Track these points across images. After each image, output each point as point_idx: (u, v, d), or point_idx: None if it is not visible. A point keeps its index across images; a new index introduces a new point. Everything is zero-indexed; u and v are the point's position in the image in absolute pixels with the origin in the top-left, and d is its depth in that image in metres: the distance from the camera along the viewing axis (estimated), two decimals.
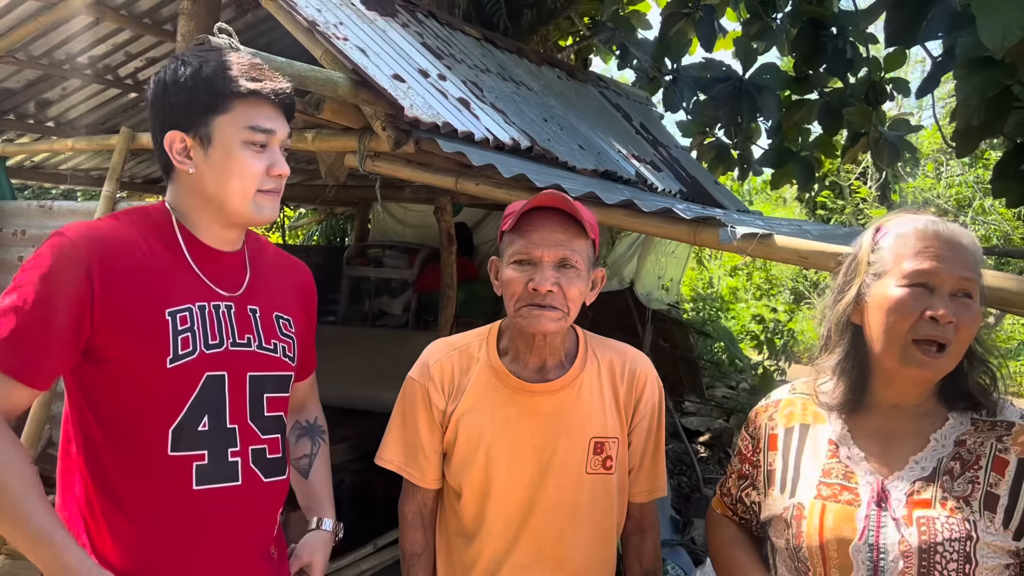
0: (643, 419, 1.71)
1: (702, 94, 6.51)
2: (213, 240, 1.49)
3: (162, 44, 4.55)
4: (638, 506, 1.77)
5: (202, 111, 1.40)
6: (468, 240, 6.18)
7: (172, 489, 1.38)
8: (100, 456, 1.38)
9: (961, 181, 13.23)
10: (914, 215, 1.37)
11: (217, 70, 1.41)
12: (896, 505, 1.29)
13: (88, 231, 1.37)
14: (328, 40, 2.79)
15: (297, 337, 1.60)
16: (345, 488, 4.87)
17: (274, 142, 1.45)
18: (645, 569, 1.78)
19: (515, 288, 1.58)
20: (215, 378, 1.42)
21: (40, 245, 1.37)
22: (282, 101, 1.45)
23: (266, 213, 1.47)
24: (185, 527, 1.39)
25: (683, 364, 7.46)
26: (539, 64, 5.40)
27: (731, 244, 2.24)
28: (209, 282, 1.47)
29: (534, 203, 1.58)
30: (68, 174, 6.21)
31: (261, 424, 1.50)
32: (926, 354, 1.28)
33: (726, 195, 6.49)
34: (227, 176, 1.42)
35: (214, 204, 1.45)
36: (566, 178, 3.21)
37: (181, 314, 1.40)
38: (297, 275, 1.69)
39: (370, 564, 3.78)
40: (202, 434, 1.41)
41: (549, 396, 1.66)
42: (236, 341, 1.46)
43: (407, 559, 1.74)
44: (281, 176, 1.46)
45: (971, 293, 1.28)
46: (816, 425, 1.45)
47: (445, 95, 3.33)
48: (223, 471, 1.43)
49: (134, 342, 1.35)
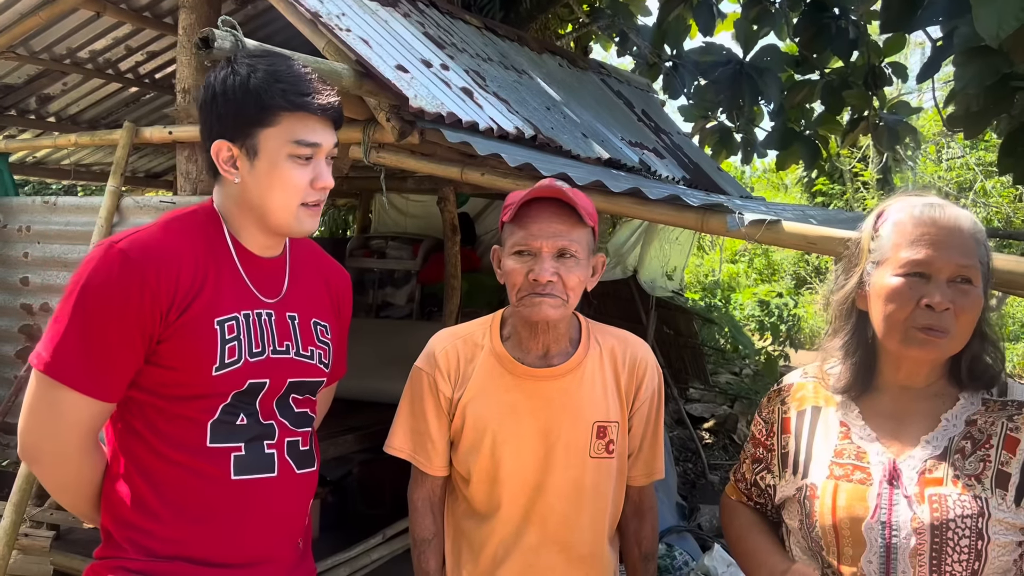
0: (643, 404, 1.75)
1: (703, 79, 6.49)
2: (256, 247, 1.51)
3: (163, 38, 4.54)
4: (637, 489, 1.80)
5: (249, 123, 1.40)
6: (471, 230, 6.18)
7: (211, 478, 1.42)
8: (139, 444, 1.42)
9: (962, 163, 13.20)
10: (914, 199, 1.37)
11: (266, 82, 1.39)
12: (908, 483, 1.31)
13: (142, 243, 1.38)
14: (331, 31, 2.79)
15: (332, 343, 1.63)
16: (353, 478, 4.91)
17: (320, 154, 1.45)
18: (644, 552, 1.81)
19: (516, 279, 1.60)
20: (256, 384, 1.45)
21: (89, 255, 1.38)
22: (329, 115, 1.44)
23: (307, 226, 1.48)
24: (223, 515, 1.43)
25: (687, 351, 7.47)
26: (540, 52, 5.38)
27: (739, 231, 2.24)
28: (254, 289, 1.49)
29: (532, 194, 1.60)
30: (71, 169, 6.21)
31: (293, 419, 1.53)
32: (926, 335, 1.29)
33: (729, 181, 6.48)
34: (271, 189, 1.43)
35: (257, 214, 1.46)
36: (571, 166, 3.21)
37: (228, 323, 1.42)
38: (335, 280, 1.70)
39: (380, 553, 3.80)
40: (240, 427, 1.44)
41: (553, 381, 1.68)
42: (276, 348, 1.49)
43: (417, 545, 1.77)
44: (325, 188, 1.46)
45: (970, 278, 1.29)
46: (828, 407, 1.46)
47: (448, 85, 3.32)
48: (260, 462, 1.46)
49: (187, 351, 1.38)
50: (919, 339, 1.30)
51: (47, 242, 3.57)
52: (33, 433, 1.38)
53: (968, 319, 1.29)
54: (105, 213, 3.33)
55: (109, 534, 1.44)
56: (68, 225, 3.52)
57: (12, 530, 3.01)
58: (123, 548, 1.41)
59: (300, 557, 1.58)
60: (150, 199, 3.54)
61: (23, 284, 3.62)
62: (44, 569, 3.24)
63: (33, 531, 3.23)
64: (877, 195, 13.52)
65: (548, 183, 1.60)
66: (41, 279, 3.58)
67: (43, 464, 1.42)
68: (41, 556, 3.23)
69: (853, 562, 1.32)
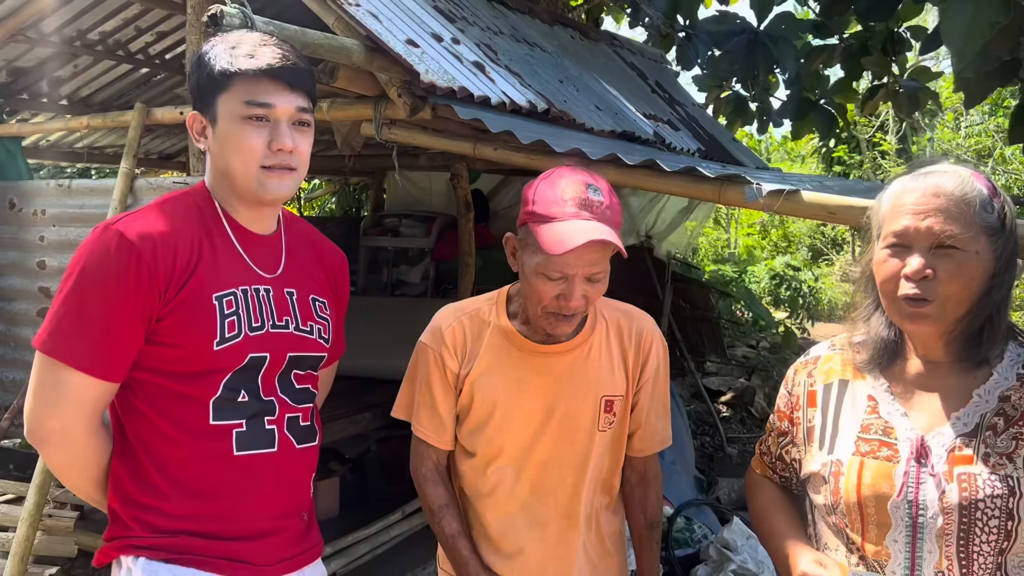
0: (649, 378, 1.76)
1: (717, 48, 6.38)
2: (245, 220, 1.52)
3: (172, 17, 4.52)
4: (642, 460, 1.81)
5: (209, 91, 1.44)
6: (484, 206, 6.15)
7: (215, 455, 1.44)
8: (144, 424, 1.43)
9: (981, 130, 12.98)
10: (918, 170, 1.34)
11: (221, 50, 1.44)
12: (936, 461, 1.28)
13: (137, 223, 1.40)
14: (340, 6, 2.75)
15: (331, 319, 1.64)
16: (372, 455, 4.94)
17: (277, 115, 1.43)
18: (650, 519, 1.83)
19: (543, 297, 1.57)
20: (257, 358, 1.46)
21: (86, 238, 1.40)
22: (279, 74, 1.43)
23: (273, 191, 1.46)
24: (227, 491, 1.45)
25: (704, 324, 7.45)
26: (551, 24, 5.32)
27: (757, 202, 2.21)
28: (252, 264, 1.50)
29: (572, 244, 1.49)
30: (84, 152, 6.22)
31: (293, 395, 1.54)
32: (911, 306, 1.27)
33: (744, 152, 6.41)
34: (230, 153, 1.44)
35: (227, 182, 1.48)
36: (584, 140, 3.17)
37: (227, 298, 1.44)
38: (331, 259, 1.71)
39: (399, 530, 3.83)
40: (241, 404, 1.46)
41: (561, 356, 1.69)
42: (275, 323, 1.50)
43: (435, 513, 1.77)
44: (282, 151, 1.44)
45: (955, 244, 1.25)
46: (855, 381, 1.44)
47: (460, 59, 3.28)
48: (261, 438, 1.48)
49: (187, 327, 1.40)
50: (907, 311, 1.28)
51: (62, 225, 3.58)
52: (38, 414, 1.40)
53: (958, 285, 1.25)
54: (119, 195, 3.33)
55: (116, 514, 1.46)
56: (83, 208, 3.53)
57: (36, 511, 3.04)
58: (130, 527, 1.43)
59: (305, 529, 1.60)
60: (163, 180, 3.55)
61: (40, 267, 3.64)
62: (68, 549, 3.28)
63: (57, 512, 3.26)
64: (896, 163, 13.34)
65: (588, 234, 1.49)
66: (58, 262, 3.59)
67: (49, 445, 1.43)
68: (65, 536, 3.27)
69: (878, 540, 1.30)
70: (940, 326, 1.30)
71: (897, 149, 13.70)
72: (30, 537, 3.03)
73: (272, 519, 1.51)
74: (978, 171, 1.33)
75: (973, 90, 3.88)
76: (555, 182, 1.58)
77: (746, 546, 3.65)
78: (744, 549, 3.64)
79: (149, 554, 1.41)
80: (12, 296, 3.76)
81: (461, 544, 1.73)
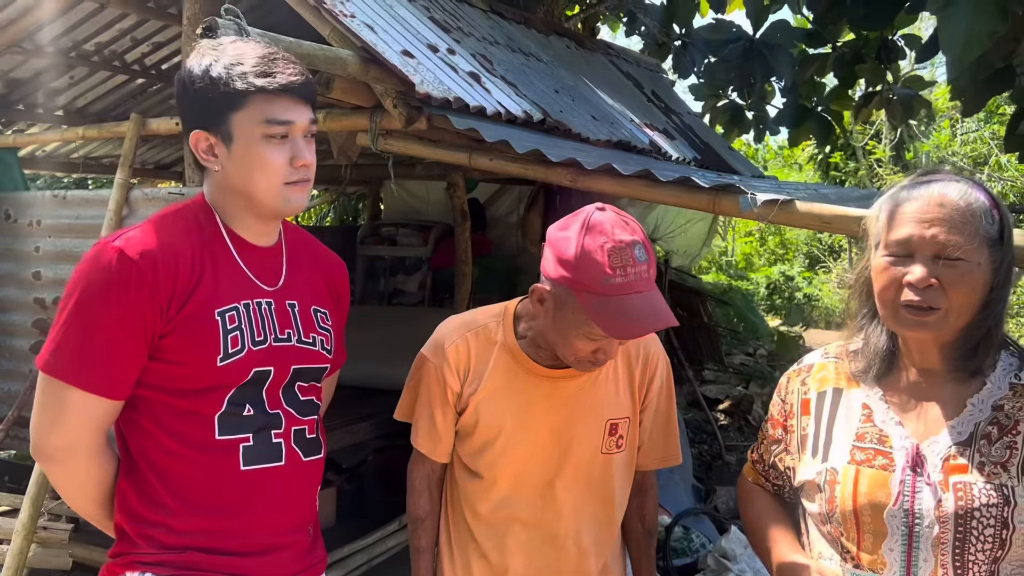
0: (655, 399, 1.76)
1: (713, 57, 6.41)
2: (250, 234, 1.51)
3: (168, 28, 4.52)
4: (643, 472, 1.83)
5: (220, 110, 1.40)
6: (481, 215, 6.15)
7: (222, 471, 1.43)
8: (149, 442, 1.43)
9: (976, 137, 13.02)
10: (917, 178, 1.35)
11: (228, 66, 1.39)
12: (932, 470, 1.28)
13: (137, 240, 1.39)
14: (335, 17, 2.76)
15: (332, 330, 1.63)
16: (369, 465, 4.92)
17: (295, 132, 1.44)
18: (647, 528, 1.84)
19: (579, 352, 1.56)
20: (261, 372, 1.46)
21: (86, 255, 1.39)
22: (296, 91, 1.43)
23: (295, 204, 1.47)
24: (234, 506, 1.44)
25: (701, 332, 7.45)
26: (547, 34, 5.33)
27: (752, 211, 2.21)
28: (253, 278, 1.49)
29: (634, 332, 1.49)
30: (80, 163, 6.22)
31: (299, 407, 1.54)
32: (914, 314, 1.27)
33: (741, 161, 6.41)
34: (252, 171, 1.42)
35: (244, 199, 1.47)
36: (580, 150, 3.18)
37: (229, 313, 1.43)
38: (331, 269, 1.70)
39: (396, 540, 3.81)
40: (247, 418, 1.45)
41: (569, 381, 1.68)
42: (278, 336, 1.49)
43: (412, 523, 1.79)
44: (306, 166, 1.45)
45: (961, 256, 1.25)
46: (850, 389, 1.44)
47: (455, 69, 3.29)
48: (268, 452, 1.47)
49: (190, 344, 1.39)
50: (908, 319, 1.28)
51: (58, 236, 3.57)
52: (43, 432, 1.39)
53: (962, 294, 1.26)
54: (114, 206, 3.32)
55: (123, 531, 1.45)
56: (78, 218, 3.52)
57: (31, 523, 3.03)
58: (137, 544, 1.42)
59: (311, 544, 1.59)
60: (159, 191, 3.54)
61: (35, 278, 3.63)
62: (63, 561, 3.25)
63: (52, 524, 3.24)
64: (891, 171, 13.37)
65: (651, 321, 1.48)
66: (53, 273, 3.58)
67: (54, 462, 1.42)
68: (60, 549, 3.24)
69: (873, 549, 1.30)
70: (940, 335, 1.30)
71: (891, 156, 13.74)
72: (24, 550, 3.01)
73: (279, 534, 1.50)
74: (976, 181, 1.34)
75: (970, 98, 3.91)
76: (596, 243, 1.46)
77: (744, 555, 3.64)
78: (743, 559, 3.63)
79: (156, 570, 1.40)
80: (7, 307, 3.74)
81: (424, 560, 1.78)
